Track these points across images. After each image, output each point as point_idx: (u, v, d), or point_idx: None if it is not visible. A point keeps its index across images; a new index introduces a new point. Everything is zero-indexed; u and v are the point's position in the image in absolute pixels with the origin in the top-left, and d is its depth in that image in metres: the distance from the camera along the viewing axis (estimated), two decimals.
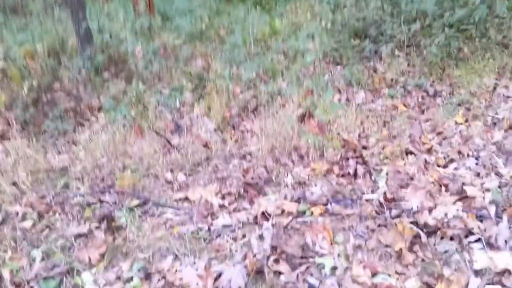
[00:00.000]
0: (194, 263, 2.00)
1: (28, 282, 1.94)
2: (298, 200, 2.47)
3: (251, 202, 2.51)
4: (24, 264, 2.02)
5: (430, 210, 2.18)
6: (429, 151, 2.88)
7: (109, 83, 4.25)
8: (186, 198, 2.61)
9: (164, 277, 1.96)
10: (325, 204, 2.42)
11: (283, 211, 2.38)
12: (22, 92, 4.05)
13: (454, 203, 2.21)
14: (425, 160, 2.73)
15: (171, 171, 2.90)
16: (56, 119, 3.70)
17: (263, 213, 2.36)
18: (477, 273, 1.85)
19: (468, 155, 2.78)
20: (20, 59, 4.44)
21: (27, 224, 2.31)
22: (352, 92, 3.96)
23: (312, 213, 2.37)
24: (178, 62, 4.58)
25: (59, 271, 2.00)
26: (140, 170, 2.85)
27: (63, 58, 4.56)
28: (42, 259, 2.05)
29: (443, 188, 2.40)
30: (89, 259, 2.09)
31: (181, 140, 3.28)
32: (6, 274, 1.92)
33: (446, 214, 2.12)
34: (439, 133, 3.10)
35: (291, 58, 4.60)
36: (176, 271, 1.97)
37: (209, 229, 2.31)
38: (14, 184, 2.60)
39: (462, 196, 2.29)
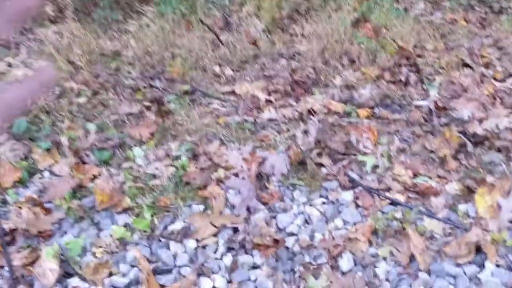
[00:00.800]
0: (239, 149, 2.07)
1: (84, 150, 2.07)
2: (345, 102, 2.46)
3: (298, 100, 2.52)
4: (80, 134, 2.14)
5: (481, 121, 2.14)
6: (487, 65, 2.75)
7: None
8: (233, 92, 2.64)
9: (210, 159, 2.04)
10: (372, 108, 2.40)
11: (329, 110, 2.39)
12: None
13: (507, 115, 2.15)
14: (482, 73, 2.62)
15: (219, 65, 2.91)
16: (106, 8, 3.71)
17: (309, 111, 2.37)
18: None
19: None
20: None
21: (82, 100, 2.42)
22: (410, 2, 3.74)
23: (358, 115, 2.37)
24: None
25: (112, 144, 2.12)
26: (189, 61, 2.87)
27: None
28: (97, 132, 2.16)
29: (498, 101, 2.32)
30: (140, 136, 2.19)
31: (230, 37, 3.24)
32: (65, 141, 2.05)
33: (497, 126, 2.08)
34: (500, 48, 2.94)
35: None
36: (222, 154, 2.05)
37: (254, 121, 2.36)
38: (70, 62, 2.68)
39: None
